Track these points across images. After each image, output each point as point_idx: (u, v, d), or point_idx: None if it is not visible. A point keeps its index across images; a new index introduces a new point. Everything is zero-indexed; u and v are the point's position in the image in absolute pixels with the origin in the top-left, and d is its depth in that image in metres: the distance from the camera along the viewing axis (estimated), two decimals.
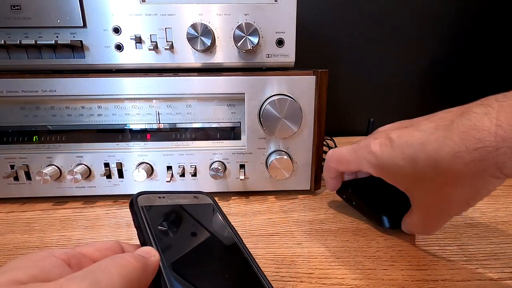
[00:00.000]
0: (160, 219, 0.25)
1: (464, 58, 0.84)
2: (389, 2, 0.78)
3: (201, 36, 0.40)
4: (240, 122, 0.45)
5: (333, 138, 0.74)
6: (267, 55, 0.42)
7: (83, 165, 0.44)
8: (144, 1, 0.40)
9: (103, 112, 0.44)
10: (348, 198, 0.42)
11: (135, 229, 0.24)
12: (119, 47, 0.41)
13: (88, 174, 0.44)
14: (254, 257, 0.25)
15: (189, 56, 0.42)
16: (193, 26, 0.40)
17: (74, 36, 0.41)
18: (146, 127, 0.45)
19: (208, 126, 0.45)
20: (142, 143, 0.45)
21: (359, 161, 0.33)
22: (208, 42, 0.40)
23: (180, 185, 0.46)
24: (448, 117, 0.26)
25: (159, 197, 0.27)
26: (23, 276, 0.16)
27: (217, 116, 0.45)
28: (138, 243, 0.23)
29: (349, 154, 0.35)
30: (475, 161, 0.23)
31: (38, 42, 0.39)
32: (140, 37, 0.41)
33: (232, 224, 0.28)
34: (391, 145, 0.30)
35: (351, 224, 0.40)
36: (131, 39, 0.41)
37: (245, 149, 0.45)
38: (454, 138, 0.24)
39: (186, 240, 0.24)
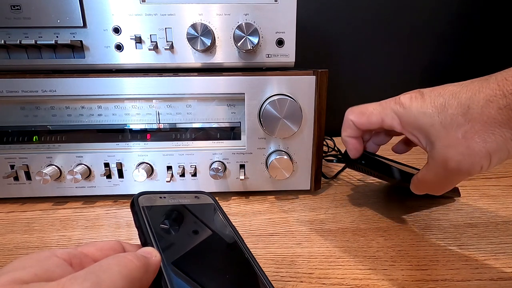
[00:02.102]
0: (161, 219, 0.25)
1: (464, 58, 0.84)
2: (389, 2, 0.78)
3: (201, 36, 0.40)
4: (240, 122, 0.45)
5: (333, 138, 0.74)
6: (267, 55, 0.42)
7: (83, 165, 0.44)
8: (144, 1, 0.40)
9: (103, 112, 0.44)
10: (358, 157, 0.39)
11: (135, 229, 0.24)
12: (119, 47, 0.41)
13: (88, 174, 0.44)
14: (254, 257, 0.25)
15: (189, 56, 0.42)
16: (193, 26, 0.39)
17: (74, 36, 0.41)
18: (146, 127, 0.45)
19: (208, 126, 0.45)
20: (142, 143, 0.45)
21: (384, 111, 0.32)
22: (208, 42, 0.40)
23: (180, 185, 0.46)
24: (485, 76, 0.26)
25: (160, 197, 0.27)
26: (26, 275, 0.16)
27: (217, 116, 0.45)
28: (139, 243, 0.23)
29: (373, 105, 0.34)
30: (511, 105, 0.23)
31: (38, 42, 0.39)
32: (140, 37, 0.41)
33: (233, 224, 0.28)
34: (421, 97, 0.29)
35: (351, 224, 0.40)
36: (131, 39, 0.41)
37: (245, 149, 0.45)
38: (490, 86, 0.24)
39: (187, 240, 0.24)
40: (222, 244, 0.26)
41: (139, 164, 0.44)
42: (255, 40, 0.40)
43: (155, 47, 0.41)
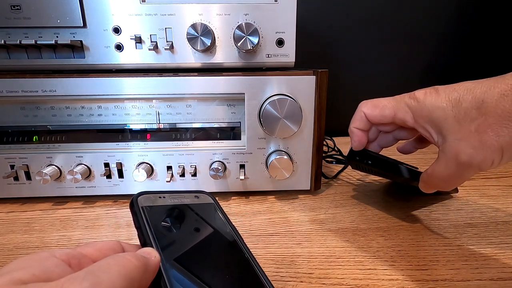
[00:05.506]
0: (161, 219, 0.25)
1: (464, 57, 0.84)
2: (389, 2, 0.78)
3: (201, 36, 0.40)
4: (240, 122, 0.45)
5: (333, 138, 0.74)
6: (267, 55, 0.42)
7: (83, 165, 0.44)
8: (144, 1, 0.40)
9: (103, 112, 0.44)
10: (363, 158, 0.39)
11: (135, 229, 0.24)
12: (119, 47, 0.41)
13: (88, 174, 0.44)
14: (254, 256, 0.25)
15: (189, 56, 0.42)
16: (193, 26, 0.39)
17: (74, 36, 0.41)
18: (146, 127, 0.45)
19: (208, 126, 0.45)
20: (142, 143, 0.45)
21: (398, 105, 0.33)
22: (208, 42, 0.40)
23: (180, 185, 0.46)
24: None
25: (160, 197, 0.27)
26: (25, 276, 0.16)
27: (217, 116, 0.45)
28: (139, 243, 0.23)
29: (387, 99, 0.35)
30: None
31: (38, 42, 0.39)
32: (140, 37, 0.41)
33: (233, 223, 0.28)
34: (436, 92, 0.30)
35: (351, 224, 0.40)
36: (131, 39, 0.41)
37: (245, 149, 0.45)
38: (506, 81, 0.25)
39: (187, 240, 0.24)
40: (222, 244, 0.26)
41: (139, 164, 0.44)
42: (255, 40, 0.40)
43: (155, 47, 0.41)
